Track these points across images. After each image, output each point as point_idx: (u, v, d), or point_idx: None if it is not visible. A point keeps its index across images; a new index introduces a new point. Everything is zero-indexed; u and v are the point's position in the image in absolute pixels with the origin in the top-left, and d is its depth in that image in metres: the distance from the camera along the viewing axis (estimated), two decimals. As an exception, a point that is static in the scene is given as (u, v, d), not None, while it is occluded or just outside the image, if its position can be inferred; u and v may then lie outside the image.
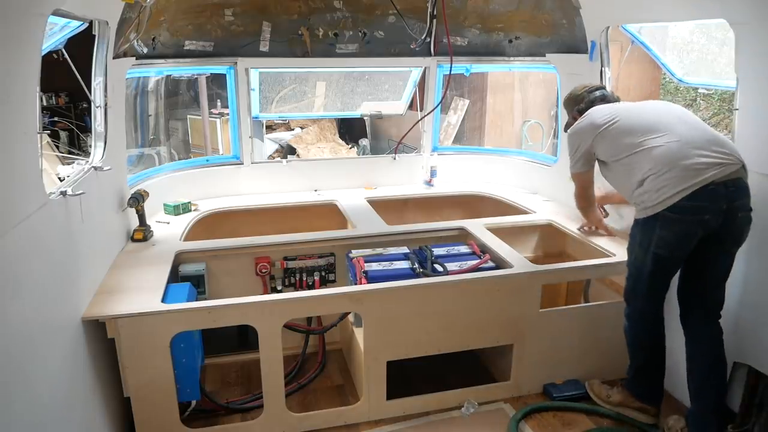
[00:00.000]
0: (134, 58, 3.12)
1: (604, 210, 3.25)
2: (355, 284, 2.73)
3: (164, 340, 2.32)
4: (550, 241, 3.44)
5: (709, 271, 2.42)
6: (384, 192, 4.04)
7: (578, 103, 2.90)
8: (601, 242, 3.01)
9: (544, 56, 3.72)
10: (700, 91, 9.50)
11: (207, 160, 4.08)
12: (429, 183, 4.20)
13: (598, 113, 2.71)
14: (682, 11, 2.67)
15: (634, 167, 2.46)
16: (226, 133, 6.59)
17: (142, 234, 3.03)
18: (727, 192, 2.25)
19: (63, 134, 7.47)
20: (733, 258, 2.38)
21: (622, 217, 3.17)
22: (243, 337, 3.16)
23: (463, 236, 3.23)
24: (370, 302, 2.55)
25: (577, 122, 2.81)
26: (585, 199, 3.01)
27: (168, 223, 3.34)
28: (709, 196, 2.25)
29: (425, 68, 4.01)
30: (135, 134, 6.23)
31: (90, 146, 2.78)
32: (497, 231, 3.19)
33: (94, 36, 2.60)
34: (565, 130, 3.02)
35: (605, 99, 2.85)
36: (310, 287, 3.13)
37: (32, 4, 1.79)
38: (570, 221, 3.35)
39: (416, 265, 2.78)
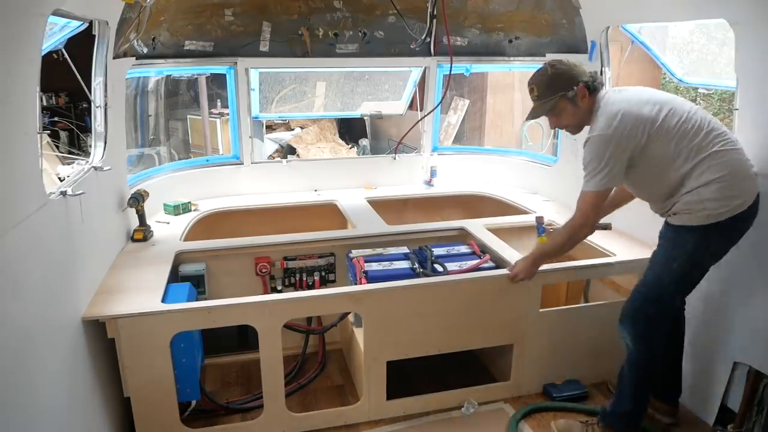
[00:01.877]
0: (134, 58, 3.12)
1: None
2: (355, 284, 2.73)
3: (164, 340, 2.32)
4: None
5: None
6: (384, 192, 4.04)
7: (577, 78, 2.27)
8: (602, 242, 3.01)
9: (544, 56, 3.71)
10: (700, 91, 9.49)
11: (207, 160, 4.08)
12: (429, 183, 4.20)
13: (635, 100, 2.22)
14: (682, 11, 2.67)
15: (695, 170, 2.15)
16: (226, 133, 6.59)
17: (142, 234, 3.03)
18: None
19: (63, 134, 7.46)
20: None
21: None
22: (243, 337, 3.16)
23: (463, 236, 3.23)
24: (370, 302, 2.55)
25: (608, 117, 2.19)
26: (590, 229, 2.37)
27: (168, 223, 3.34)
28: (757, 203, 2.22)
29: (425, 68, 4.01)
30: (135, 134, 6.23)
31: (90, 146, 2.78)
32: (497, 231, 3.19)
33: (94, 36, 2.60)
34: (552, 122, 2.41)
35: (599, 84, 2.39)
36: (310, 287, 3.13)
37: (32, 4, 1.79)
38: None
39: (416, 265, 2.78)
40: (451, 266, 2.77)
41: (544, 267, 2.74)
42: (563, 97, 2.29)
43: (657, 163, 2.21)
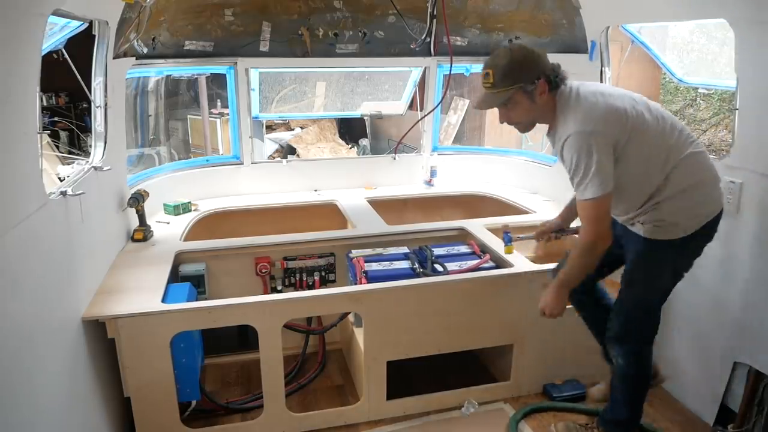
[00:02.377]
0: (134, 58, 3.12)
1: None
2: (355, 284, 2.73)
3: (164, 340, 2.32)
4: (551, 241, 3.43)
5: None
6: (384, 192, 4.04)
7: (540, 71, 2.03)
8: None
9: (544, 56, 3.71)
10: (700, 91, 9.50)
11: (207, 160, 4.08)
12: (429, 183, 4.20)
13: (608, 92, 2.05)
14: (682, 11, 2.67)
15: (673, 174, 2.03)
16: (226, 133, 6.59)
17: (142, 234, 3.03)
18: None
19: (63, 134, 7.46)
20: None
21: None
22: (243, 337, 3.16)
23: (463, 236, 3.23)
24: (370, 302, 2.55)
25: (587, 111, 1.98)
26: (606, 239, 2.03)
27: (168, 223, 3.34)
28: (722, 204, 2.16)
29: (425, 68, 4.01)
30: (135, 134, 6.23)
31: (90, 146, 2.78)
32: (497, 231, 3.18)
33: (94, 36, 2.60)
34: (504, 113, 2.13)
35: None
36: (310, 287, 3.13)
37: (32, 4, 1.79)
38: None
39: (416, 265, 2.78)
40: (451, 266, 2.77)
41: (544, 267, 2.75)
42: (521, 89, 2.03)
43: (637, 163, 2.03)
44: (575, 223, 2.58)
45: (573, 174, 2.02)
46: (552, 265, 2.80)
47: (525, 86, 2.02)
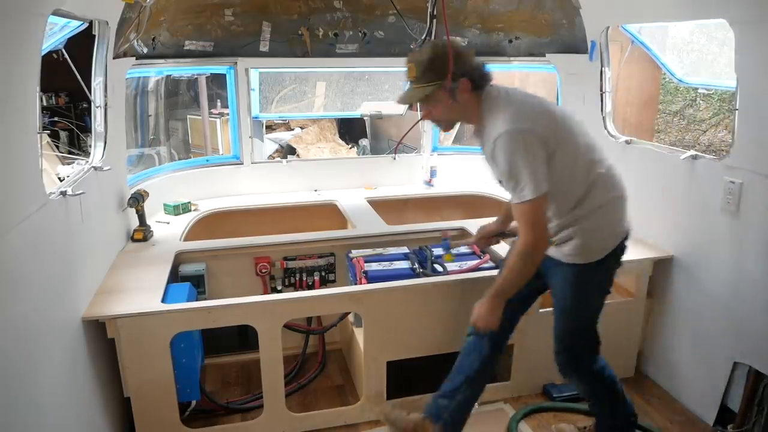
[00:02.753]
0: (134, 58, 3.12)
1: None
2: (355, 284, 2.73)
3: (164, 340, 2.32)
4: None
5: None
6: (384, 192, 4.04)
7: (463, 69, 1.98)
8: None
9: (544, 56, 3.72)
10: (700, 91, 9.50)
11: (207, 160, 4.08)
12: (429, 183, 4.19)
13: (534, 96, 2.04)
14: (682, 11, 2.67)
15: (594, 189, 2.01)
16: (226, 133, 6.58)
17: (142, 234, 3.03)
18: None
19: (63, 134, 7.45)
20: None
21: None
22: (243, 337, 3.16)
23: (463, 236, 3.23)
24: (370, 302, 2.54)
25: (515, 111, 1.93)
26: (544, 242, 1.98)
27: (168, 223, 3.34)
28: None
29: (425, 68, 4.01)
30: (135, 134, 6.22)
31: (90, 146, 2.78)
32: (497, 231, 3.18)
33: (94, 36, 2.60)
34: (423, 108, 2.10)
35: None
36: (310, 287, 3.13)
37: (32, 4, 1.79)
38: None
39: (416, 265, 2.78)
40: (451, 266, 2.76)
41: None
42: (442, 86, 1.97)
43: (562, 171, 1.97)
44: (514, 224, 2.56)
45: (507, 177, 1.94)
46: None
47: (445, 84, 1.96)
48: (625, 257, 2.78)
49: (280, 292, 3.07)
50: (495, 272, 2.72)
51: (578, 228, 2.03)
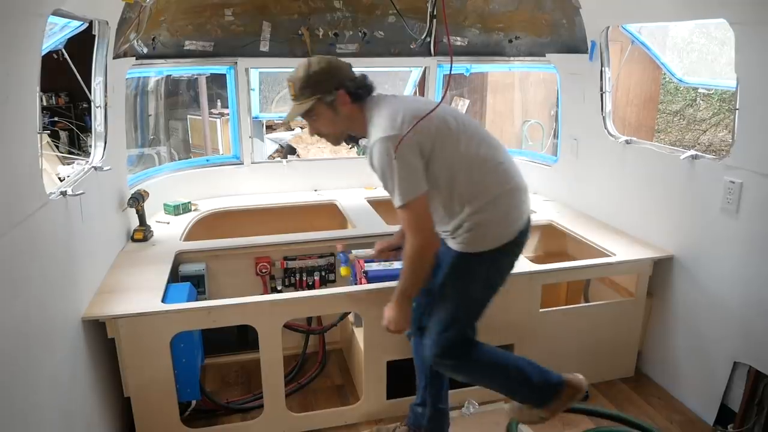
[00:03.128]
0: (134, 58, 3.13)
1: None
2: (355, 284, 2.73)
3: (164, 340, 2.32)
4: (550, 241, 3.44)
5: None
6: (384, 192, 3.99)
7: (338, 82, 2.04)
8: (602, 242, 3.01)
9: (544, 56, 3.72)
10: (700, 91, 9.50)
11: (207, 160, 4.07)
12: (429, 183, 4.19)
13: (412, 100, 2.09)
14: (682, 11, 2.67)
15: (483, 186, 2.02)
16: (226, 133, 6.59)
17: (142, 234, 3.03)
18: None
19: (63, 134, 7.46)
20: None
21: None
22: (243, 337, 3.16)
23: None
24: (370, 302, 2.54)
25: (390, 117, 1.97)
26: (432, 242, 2.01)
27: (168, 223, 3.34)
28: (530, 218, 2.17)
29: (425, 68, 4.01)
30: (135, 134, 6.22)
31: (90, 146, 2.78)
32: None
33: (94, 36, 2.60)
34: (306, 117, 2.11)
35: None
36: (310, 287, 3.13)
37: (32, 4, 1.79)
38: (570, 221, 3.35)
39: (416, 265, 2.77)
40: (451, 266, 2.76)
41: (543, 267, 2.74)
42: (320, 100, 2.03)
43: (443, 172, 1.99)
44: None
45: (382, 183, 1.99)
46: (552, 265, 2.81)
47: (324, 97, 2.02)
48: (625, 257, 2.82)
49: (280, 292, 3.07)
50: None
51: (471, 222, 2.03)
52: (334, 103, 2.05)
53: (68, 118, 7.68)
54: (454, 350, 2.12)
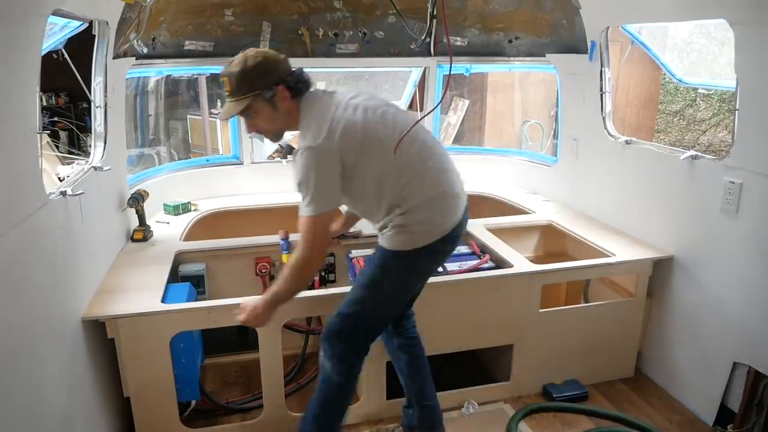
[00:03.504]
0: (134, 58, 3.12)
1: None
2: (355, 284, 2.73)
3: (164, 340, 2.32)
4: (550, 241, 3.44)
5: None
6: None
7: (277, 77, 2.00)
8: (602, 242, 3.01)
9: (544, 56, 3.72)
10: (699, 91, 9.51)
11: (207, 160, 4.07)
12: (429, 183, 4.19)
13: (344, 103, 1.98)
14: (682, 11, 2.67)
15: (409, 191, 2.00)
16: (226, 133, 6.58)
17: (142, 234, 3.03)
18: (467, 211, 2.22)
19: (63, 134, 7.45)
20: None
21: None
22: (243, 337, 3.16)
23: (463, 236, 3.22)
24: (370, 302, 2.54)
25: (317, 125, 1.94)
26: (319, 259, 2.06)
27: (168, 223, 3.34)
28: (465, 218, 2.16)
29: (425, 68, 4.01)
30: (135, 134, 6.23)
31: (90, 146, 2.78)
32: (497, 231, 3.19)
33: (94, 36, 2.60)
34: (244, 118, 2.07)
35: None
36: (310, 287, 3.13)
37: (32, 4, 1.79)
38: (570, 222, 3.35)
39: (416, 265, 2.77)
40: (451, 266, 2.76)
41: (543, 267, 2.74)
42: (259, 96, 1.98)
43: (371, 176, 2.00)
44: (358, 226, 2.67)
45: (298, 188, 1.98)
46: (552, 265, 2.81)
47: (263, 93, 1.97)
48: (625, 257, 2.82)
49: (280, 292, 3.07)
50: (495, 272, 2.73)
51: (396, 224, 2.03)
52: (274, 99, 1.99)
53: (68, 118, 7.68)
54: (346, 337, 2.12)
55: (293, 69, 2.05)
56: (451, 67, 1.89)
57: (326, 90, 2.11)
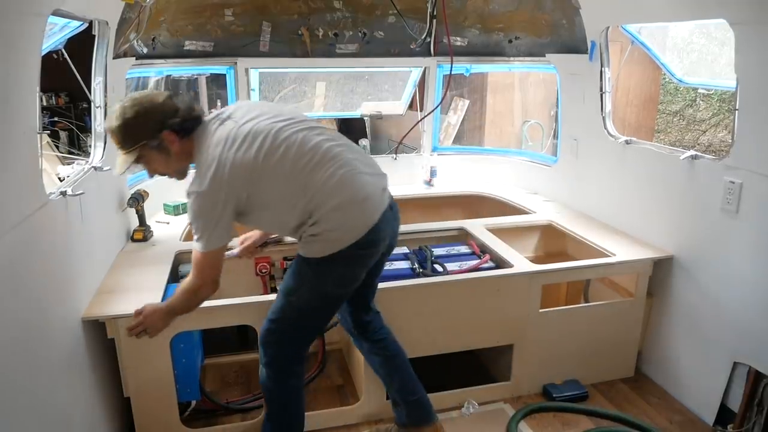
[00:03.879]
0: (134, 58, 3.13)
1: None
2: (355, 284, 2.73)
3: (164, 340, 2.32)
4: (550, 241, 3.44)
5: (374, 278, 2.33)
6: (384, 192, 4.02)
7: (161, 123, 1.95)
8: (602, 242, 3.01)
9: (544, 56, 3.72)
10: (699, 91, 9.51)
11: (207, 160, 4.07)
12: (429, 183, 4.19)
13: (231, 137, 1.94)
14: (682, 11, 2.67)
15: (314, 203, 1.97)
16: (226, 133, 6.58)
17: (142, 234, 3.03)
18: (393, 210, 2.19)
19: (63, 134, 7.45)
20: None
21: None
22: (243, 337, 3.16)
23: (463, 236, 3.23)
24: (370, 302, 2.54)
25: (204, 169, 1.91)
26: (211, 286, 2.08)
27: (168, 223, 3.34)
28: (386, 219, 2.10)
29: (425, 68, 4.01)
30: (135, 134, 6.22)
31: (90, 146, 2.78)
32: (497, 231, 3.19)
33: (94, 36, 2.60)
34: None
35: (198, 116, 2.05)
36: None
37: (32, 4, 1.79)
38: (570, 222, 3.35)
39: (416, 265, 2.78)
40: (451, 266, 2.77)
41: (543, 267, 2.74)
42: (146, 146, 1.96)
43: (273, 203, 2.00)
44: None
45: (191, 226, 2.00)
46: (552, 265, 2.81)
47: (149, 143, 1.95)
48: (625, 257, 2.82)
49: (280, 292, 3.07)
50: (495, 272, 2.73)
51: (308, 234, 2.03)
52: (163, 145, 1.98)
53: (68, 118, 7.68)
54: (273, 345, 2.16)
55: (178, 107, 1.98)
56: (451, 68, 1.90)
57: (219, 116, 2.05)
